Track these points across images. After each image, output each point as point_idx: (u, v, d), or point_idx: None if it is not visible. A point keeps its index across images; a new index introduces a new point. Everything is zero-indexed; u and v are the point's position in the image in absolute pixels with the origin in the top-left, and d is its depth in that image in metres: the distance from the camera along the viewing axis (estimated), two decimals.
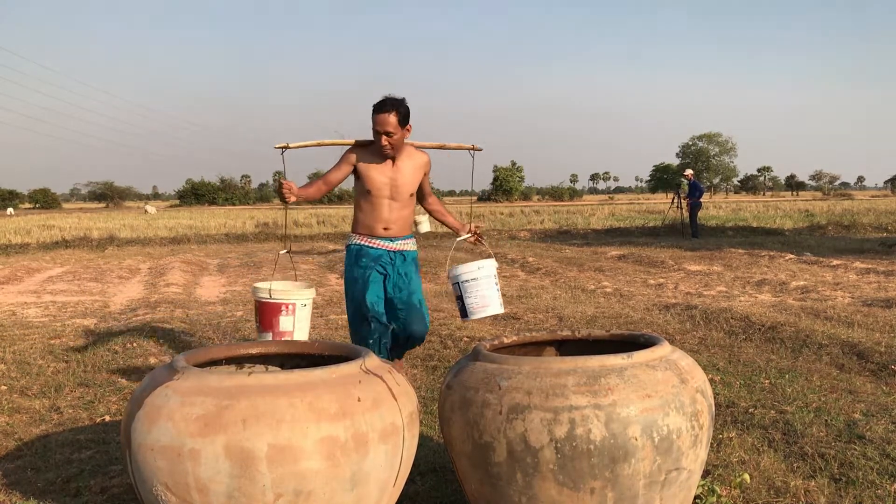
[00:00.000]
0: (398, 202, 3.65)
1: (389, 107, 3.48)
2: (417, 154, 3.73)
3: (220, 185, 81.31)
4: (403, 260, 3.71)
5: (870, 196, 71.53)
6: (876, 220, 20.13)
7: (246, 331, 6.14)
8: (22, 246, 17.67)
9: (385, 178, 3.60)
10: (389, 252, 3.67)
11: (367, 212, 3.66)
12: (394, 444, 2.03)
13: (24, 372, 4.70)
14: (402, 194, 3.64)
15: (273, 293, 3.46)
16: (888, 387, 4.02)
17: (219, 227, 22.42)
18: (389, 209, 3.65)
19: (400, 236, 3.70)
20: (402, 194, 3.64)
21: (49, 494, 2.74)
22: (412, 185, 3.68)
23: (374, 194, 3.61)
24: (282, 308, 3.46)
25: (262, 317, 3.50)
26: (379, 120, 3.48)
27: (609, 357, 2.06)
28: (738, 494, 2.62)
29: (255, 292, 3.53)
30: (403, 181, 3.64)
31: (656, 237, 18.02)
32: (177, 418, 1.88)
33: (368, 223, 3.66)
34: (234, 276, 10.99)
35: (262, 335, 3.50)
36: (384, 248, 3.66)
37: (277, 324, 3.46)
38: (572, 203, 61.18)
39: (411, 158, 3.68)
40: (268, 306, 3.48)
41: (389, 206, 3.64)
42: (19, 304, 8.11)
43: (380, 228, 3.65)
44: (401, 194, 3.64)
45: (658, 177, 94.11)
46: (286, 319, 3.46)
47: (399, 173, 3.62)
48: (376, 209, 3.64)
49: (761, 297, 7.60)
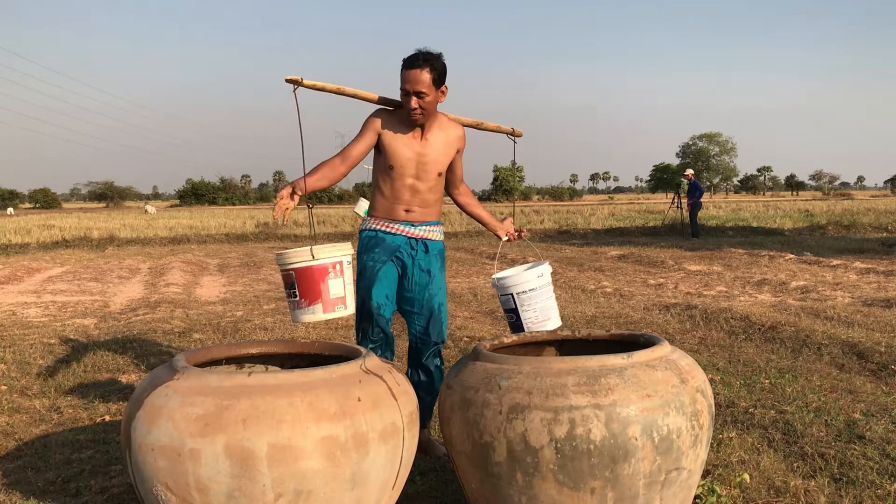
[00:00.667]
0: (424, 182, 3.00)
1: (422, 61, 2.83)
2: (451, 126, 3.06)
3: (220, 185, 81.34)
4: (426, 251, 3.07)
5: (870, 196, 71.54)
6: (876, 220, 20.14)
7: (246, 331, 6.14)
8: (22, 246, 17.68)
9: (411, 153, 2.95)
10: (410, 239, 3.03)
11: (387, 192, 3.00)
12: (394, 444, 2.03)
13: (24, 372, 4.70)
14: (429, 173, 3.00)
15: (316, 253, 2.78)
16: (888, 387, 4.02)
17: (219, 227, 22.43)
18: (413, 190, 2.99)
19: (423, 221, 3.04)
20: (429, 173, 3.00)
21: (49, 494, 2.74)
22: (443, 162, 3.03)
23: (396, 171, 2.96)
24: (328, 269, 2.79)
25: (306, 285, 2.79)
26: (409, 77, 2.83)
27: (609, 357, 2.06)
28: (738, 494, 2.62)
29: (287, 259, 2.84)
30: (433, 157, 2.98)
31: (656, 237, 18.02)
32: (177, 418, 1.88)
33: (387, 205, 3.01)
34: (234, 276, 10.99)
35: (306, 311, 2.79)
36: (404, 233, 3.02)
37: (326, 290, 2.78)
38: (572, 203, 61.22)
39: (443, 131, 3.02)
40: (311, 271, 2.77)
41: (413, 187, 2.99)
42: (19, 304, 8.11)
43: (400, 210, 3.01)
44: (428, 173, 2.99)
45: (658, 177, 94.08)
46: (336, 282, 2.79)
47: (428, 147, 2.97)
48: (398, 189, 2.98)
49: (761, 297, 7.60)
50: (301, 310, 2.81)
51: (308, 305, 2.80)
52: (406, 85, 2.85)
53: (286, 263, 2.85)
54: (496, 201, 68.03)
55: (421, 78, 2.82)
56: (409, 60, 2.85)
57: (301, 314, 2.80)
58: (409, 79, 2.83)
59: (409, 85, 2.84)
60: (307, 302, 2.81)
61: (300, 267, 2.81)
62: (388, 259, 3.01)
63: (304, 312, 2.80)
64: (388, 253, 3.00)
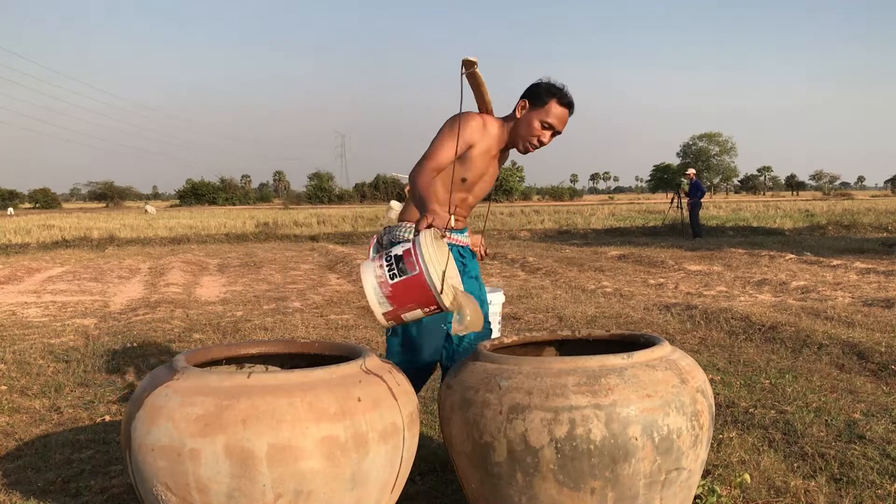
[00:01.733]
0: (477, 196, 2.82)
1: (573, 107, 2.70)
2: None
3: (220, 185, 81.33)
4: (472, 256, 2.89)
5: (870, 196, 71.52)
6: (876, 220, 20.13)
7: (246, 331, 6.14)
8: (22, 246, 17.69)
9: (485, 169, 2.73)
10: (459, 247, 2.81)
11: (444, 199, 2.70)
12: (394, 444, 2.03)
13: (24, 372, 4.70)
14: (486, 189, 2.82)
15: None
16: (888, 387, 4.02)
17: (219, 227, 22.43)
18: (468, 203, 2.80)
19: (463, 228, 2.86)
20: (486, 189, 2.82)
21: (49, 494, 2.74)
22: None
23: (465, 185, 2.71)
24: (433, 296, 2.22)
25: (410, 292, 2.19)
26: (563, 117, 2.66)
27: (609, 357, 2.06)
28: (739, 494, 2.62)
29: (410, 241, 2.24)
30: (492, 177, 2.81)
31: (656, 237, 18.02)
32: (177, 418, 1.88)
33: (446, 216, 2.65)
34: (234, 276, 10.99)
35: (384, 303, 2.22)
36: (455, 241, 2.79)
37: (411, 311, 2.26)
38: (572, 203, 61.23)
39: (505, 152, 2.83)
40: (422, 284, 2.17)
41: (468, 200, 2.79)
42: (19, 304, 8.11)
43: (451, 220, 2.70)
44: (485, 189, 2.82)
45: (658, 177, 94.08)
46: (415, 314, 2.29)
47: (494, 166, 2.78)
48: (455, 200, 2.74)
49: (761, 297, 7.60)
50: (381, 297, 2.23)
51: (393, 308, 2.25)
52: (559, 125, 2.67)
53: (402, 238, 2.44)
54: (496, 201, 68.03)
55: (567, 121, 2.70)
56: (571, 102, 2.68)
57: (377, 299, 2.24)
58: (562, 119, 2.67)
59: (559, 124, 2.67)
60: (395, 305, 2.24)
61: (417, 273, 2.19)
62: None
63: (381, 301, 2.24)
64: None
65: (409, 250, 2.21)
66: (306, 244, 17.88)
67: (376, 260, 2.24)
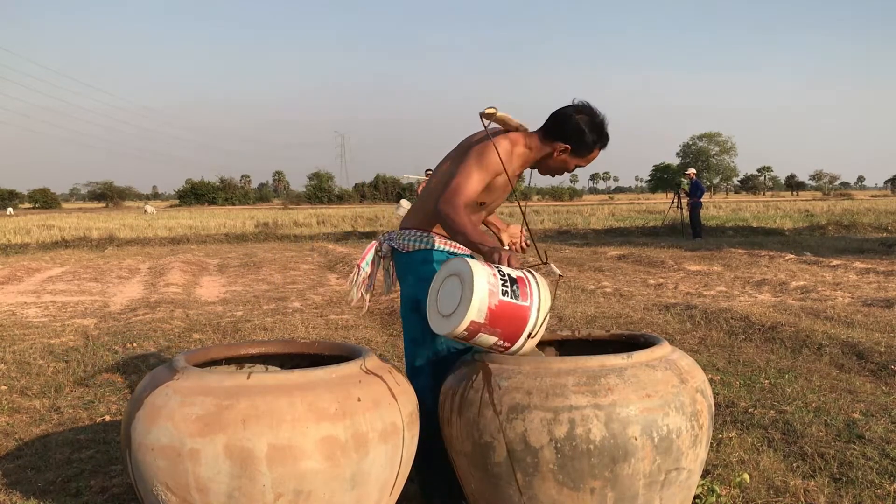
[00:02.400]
0: (489, 211, 2.73)
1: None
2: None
3: (220, 185, 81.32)
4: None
5: (870, 196, 71.53)
6: (876, 220, 20.14)
7: (246, 331, 6.14)
8: (22, 246, 17.69)
9: (505, 190, 2.59)
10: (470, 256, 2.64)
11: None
12: (394, 444, 2.03)
13: (24, 372, 4.70)
14: (499, 202, 2.71)
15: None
16: (888, 387, 4.02)
17: (219, 227, 22.44)
18: (480, 218, 2.67)
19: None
20: (499, 202, 2.71)
21: (49, 494, 2.74)
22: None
23: (486, 207, 2.60)
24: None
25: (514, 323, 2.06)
26: (596, 156, 2.55)
27: (609, 357, 2.06)
28: (738, 494, 2.62)
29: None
30: (505, 194, 2.68)
31: (656, 237, 18.02)
32: (177, 418, 1.89)
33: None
34: (234, 276, 10.99)
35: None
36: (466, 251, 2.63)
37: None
38: (572, 203, 61.22)
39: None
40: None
41: (482, 215, 2.68)
42: (19, 304, 8.11)
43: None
44: (498, 203, 2.70)
45: (658, 177, 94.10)
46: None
47: (510, 187, 2.62)
48: (473, 217, 2.57)
49: (761, 297, 7.60)
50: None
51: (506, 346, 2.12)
52: (588, 162, 2.55)
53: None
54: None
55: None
56: (608, 140, 2.53)
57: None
58: (594, 158, 2.55)
59: (588, 163, 2.56)
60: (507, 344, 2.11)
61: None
62: None
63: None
64: None
65: (524, 279, 2.10)
66: (306, 244, 17.88)
67: (487, 267, 2.08)
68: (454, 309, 2.05)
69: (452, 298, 2.08)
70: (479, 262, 2.09)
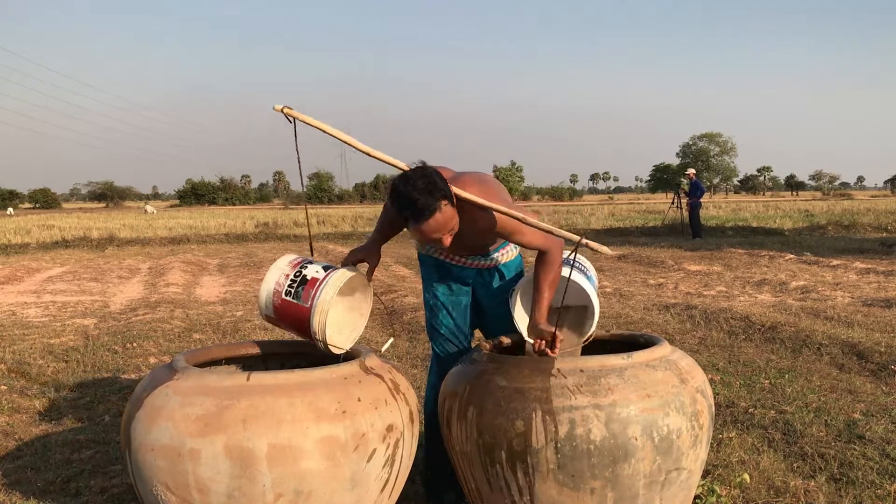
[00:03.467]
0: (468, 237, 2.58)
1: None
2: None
3: (220, 185, 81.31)
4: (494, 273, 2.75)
5: (870, 196, 71.51)
6: (876, 220, 20.13)
7: (246, 331, 6.14)
8: (22, 246, 17.68)
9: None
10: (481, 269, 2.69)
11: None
12: (394, 444, 2.03)
13: (24, 372, 4.70)
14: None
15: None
16: (888, 387, 4.02)
17: (219, 227, 22.43)
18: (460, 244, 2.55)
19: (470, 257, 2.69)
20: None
21: (49, 494, 2.74)
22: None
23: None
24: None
25: None
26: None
27: (609, 357, 2.06)
28: (738, 494, 2.62)
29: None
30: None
31: (656, 237, 18.01)
32: (177, 418, 1.88)
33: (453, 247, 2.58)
34: (234, 276, 10.99)
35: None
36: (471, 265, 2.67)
37: None
38: (572, 203, 61.22)
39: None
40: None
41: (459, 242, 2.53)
42: (19, 304, 8.11)
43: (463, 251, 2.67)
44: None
45: (658, 177, 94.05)
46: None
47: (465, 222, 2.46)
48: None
49: (761, 297, 7.60)
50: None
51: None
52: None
53: None
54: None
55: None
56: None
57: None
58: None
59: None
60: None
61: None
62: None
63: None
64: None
65: (316, 280, 2.20)
66: (306, 244, 17.87)
67: (288, 266, 2.27)
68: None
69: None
70: (280, 265, 2.27)
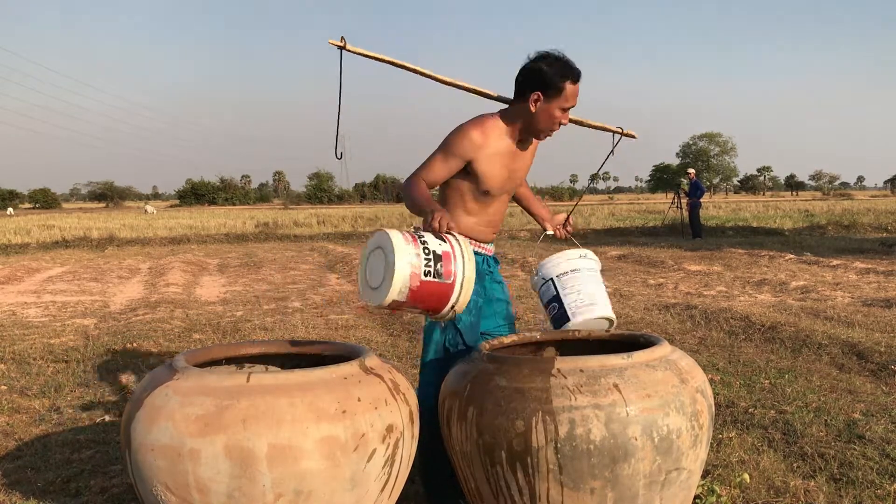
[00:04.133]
0: (509, 195, 2.69)
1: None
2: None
3: (220, 185, 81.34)
4: (497, 263, 2.80)
5: (870, 196, 71.53)
6: (876, 220, 20.14)
7: (246, 331, 6.14)
8: (22, 246, 17.69)
9: (506, 172, 2.53)
10: (488, 256, 2.71)
11: (477, 213, 2.57)
12: (394, 444, 2.03)
13: (24, 372, 4.71)
14: (516, 187, 2.70)
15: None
16: (888, 387, 4.02)
17: (219, 227, 22.44)
18: (503, 209, 2.66)
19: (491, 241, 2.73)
20: (516, 187, 2.70)
21: (49, 494, 2.74)
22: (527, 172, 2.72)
23: (492, 193, 2.53)
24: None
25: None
26: (576, 92, 2.43)
27: (609, 357, 2.06)
28: (738, 494, 2.62)
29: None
30: (523, 171, 2.64)
31: (656, 237, 18.02)
32: (177, 418, 1.88)
33: (478, 229, 2.59)
34: (234, 276, 10.99)
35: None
36: (483, 251, 2.67)
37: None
38: (572, 203, 61.12)
39: (530, 138, 2.58)
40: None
41: (503, 205, 2.65)
42: (19, 304, 8.11)
43: (489, 233, 2.66)
44: (515, 188, 2.69)
45: (658, 177, 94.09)
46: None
47: (521, 161, 2.58)
48: (491, 213, 2.60)
49: (761, 297, 7.60)
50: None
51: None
52: (571, 102, 2.43)
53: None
54: None
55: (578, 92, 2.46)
56: (578, 73, 2.41)
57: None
58: (576, 94, 2.43)
59: (573, 101, 2.44)
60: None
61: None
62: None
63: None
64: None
65: (449, 254, 2.12)
66: (306, 244, 17.88)
67: (411, 244, 2.08)
68: (378, 284, 2.11)
69: (377, 273, 2.12)
70: (404, 241, 2.08)
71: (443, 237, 2.15)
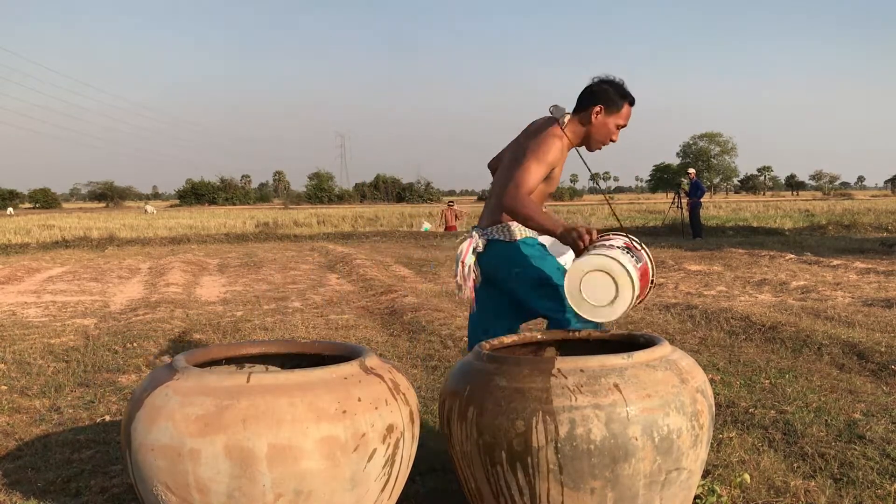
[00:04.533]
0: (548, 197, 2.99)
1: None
2: None
3: (220, 185, 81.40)
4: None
5: (870, 196, 71.56)
6: (876, 220, 20.14)
7: (246, 331, 6.14)
8: (22, 246, 17.70)
9: (555, 182, 2.88)
10: (542, 244, 2.95)
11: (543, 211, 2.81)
12: (394, 444, 2.03)
13: (24, 372, 4.70)
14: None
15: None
16: (888, 387, 4.02)
17: (219, 227, 22.47)
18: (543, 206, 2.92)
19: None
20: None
21: (49, 494, 2.74)
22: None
23: (552, 194, 2.86)
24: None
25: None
26: (629, 113, 2.82)
27: (609, 357, 2.06)
28: (738, 494, 2.62)
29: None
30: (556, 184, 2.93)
31: (656, 237, 18.01)
32: (177, 418, 1.88)
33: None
34: (234, 276, 10.99)
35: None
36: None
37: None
38: (572, 203, 61.26)
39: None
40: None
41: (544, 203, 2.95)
42: (19, 304, 8.11)
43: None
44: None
45: (658, 177, 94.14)
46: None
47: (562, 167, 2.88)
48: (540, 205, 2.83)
49: (761, 296, 7.60)
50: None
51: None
52: (625, 121, 2.81)
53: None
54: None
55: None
56: (634, 99, 2.80)
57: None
58: (629, 116, 2.82)
59: (626, 121, 2.82)
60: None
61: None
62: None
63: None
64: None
65: (628, 242, 2.49)
66: (306, 244, 17.88)
67: (611, 250, 2.37)
68: (613, 298, 2.37)
69: (607, 290, 2.37)
70: (619, 252, 2.37)
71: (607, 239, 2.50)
